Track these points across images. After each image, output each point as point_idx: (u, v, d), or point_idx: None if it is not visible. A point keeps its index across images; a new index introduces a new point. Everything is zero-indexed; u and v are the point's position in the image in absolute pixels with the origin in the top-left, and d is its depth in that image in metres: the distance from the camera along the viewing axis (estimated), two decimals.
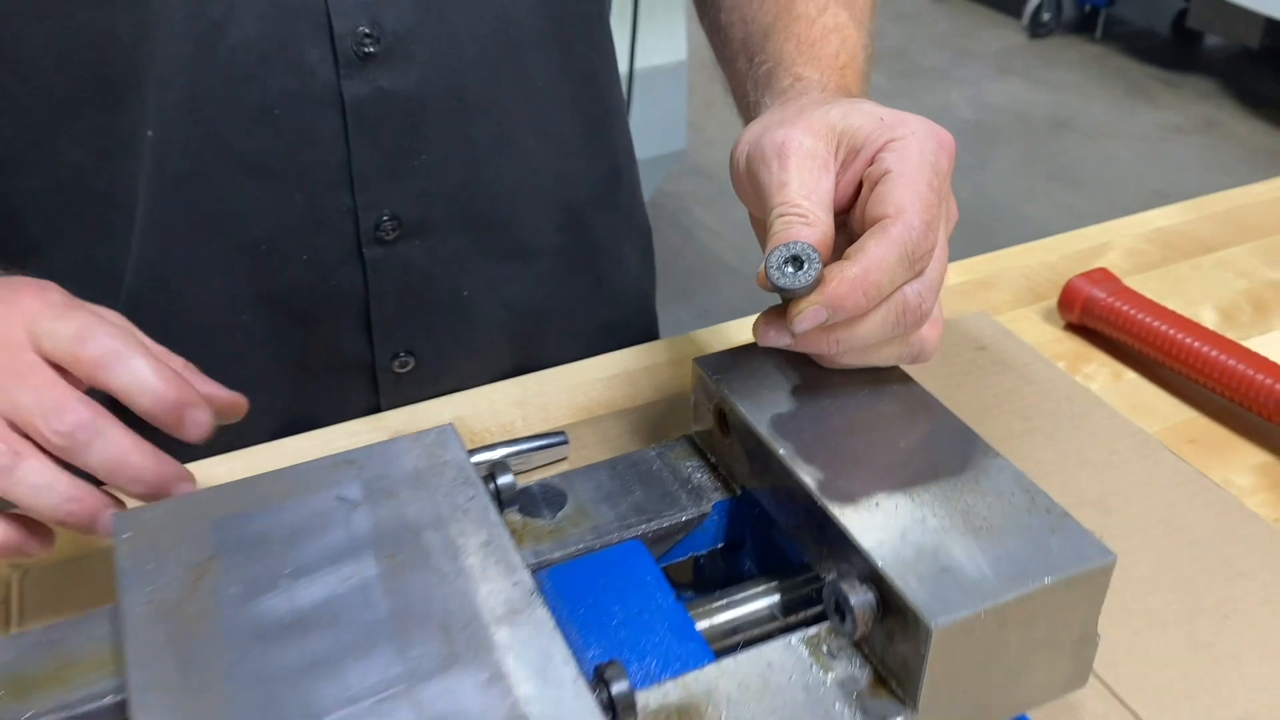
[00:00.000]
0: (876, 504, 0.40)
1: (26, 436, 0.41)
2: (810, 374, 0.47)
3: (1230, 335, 0.69)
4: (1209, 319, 0.74)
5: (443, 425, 0.43)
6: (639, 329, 0.79)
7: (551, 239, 0.67)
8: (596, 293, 0.72)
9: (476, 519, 0.39)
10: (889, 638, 0.37)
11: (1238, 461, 0.62)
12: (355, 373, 0.64)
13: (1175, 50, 4.27)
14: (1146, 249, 0.82)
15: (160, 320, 0.57)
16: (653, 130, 2.20)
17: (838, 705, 0.37)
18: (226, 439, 0.52)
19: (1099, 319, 0.71)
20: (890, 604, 0.37)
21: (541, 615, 0.35)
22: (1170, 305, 0.72)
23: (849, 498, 0.40)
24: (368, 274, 0.60)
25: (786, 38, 0.55)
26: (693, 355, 0.49)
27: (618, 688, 0.34)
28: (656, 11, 2.19)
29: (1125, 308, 0.69)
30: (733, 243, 3.03)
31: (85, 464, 0.41)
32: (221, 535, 0.38)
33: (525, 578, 0.36)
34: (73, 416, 0.41)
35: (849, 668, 0.39)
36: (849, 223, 0.45)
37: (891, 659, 0.38)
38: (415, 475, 0.41)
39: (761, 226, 0.46)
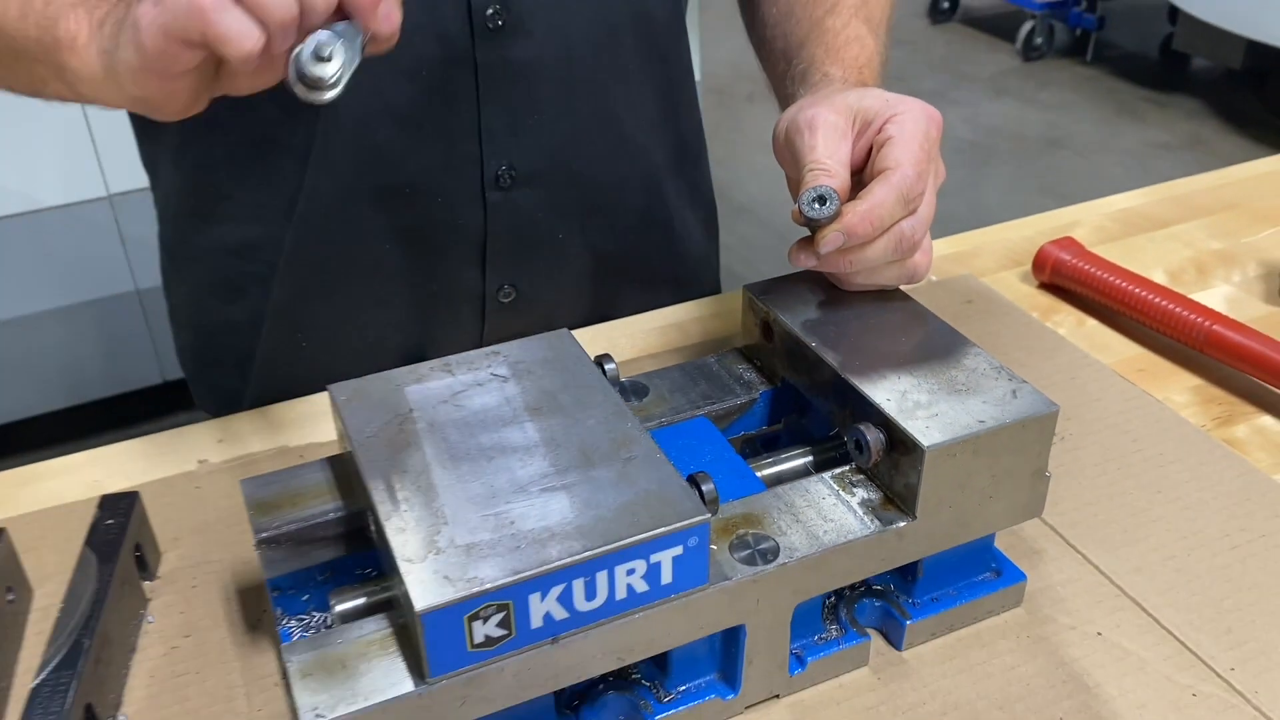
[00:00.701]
0: (884, 376, 0.54)
1: None
2: (833, 295, 0.61)
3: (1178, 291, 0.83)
4: (1157, 277, 0.88)
5: (561, 330, 0.58)
6: (703, 287, 0.93)
7: (632, 199, 0.82)
8: (666, 250, 0.87)
9: (595, 387, 0.53)
10: (895, 467, 0.52)
11: (1176, 385, 0.76)
12: (469, 301, 0.79)
13: (1163, 71, 4.43)
14: (1109, 225, 0.97)
15: (320, 247, 0.72)
16: None
17: (860, 514, 0.52)
18: (364, 364, 0.65)
19: (1065, 277, 0.85)
20: (895, 440, 0.51)
21: (650, 444, 0.49)
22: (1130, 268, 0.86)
23: (864, 373, 0.54)
24: (487, 215, 0.75)
25: (817, 45, 0.71)
26: (730, 310, 0.64)
27: (706, 486, 0.48)
28: None
29: (1087, 267, 0.84)
30: (740, 253, 3.18)
31: None
32: (414, 396, 0.52)
33: (636, 421, 0.51)
34: None
35: (866, 493, 0.53)
36: (863, 179, 0.60)
37: (896, 482, 0.52)
38: (545, 361, 0.55)
39: (796, 185, 0.61)
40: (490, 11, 0.69)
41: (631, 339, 0.81)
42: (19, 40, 0.56)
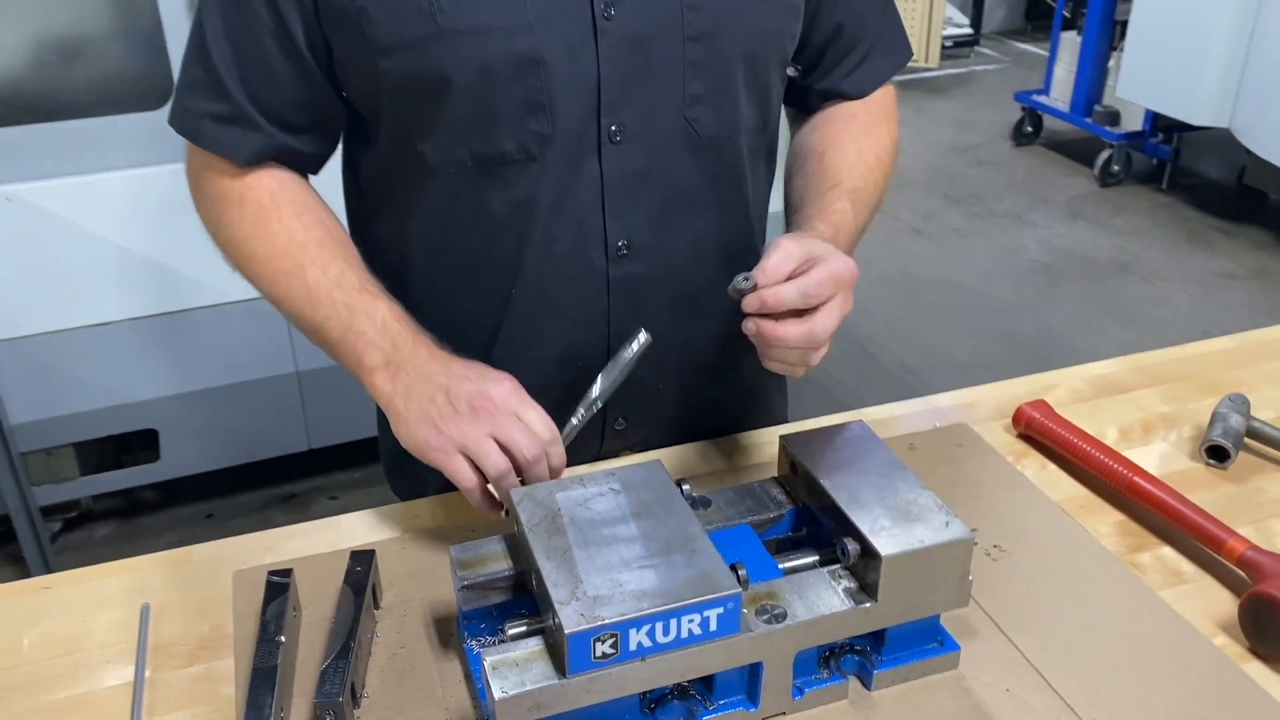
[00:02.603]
0: (863, 505, 0.82)
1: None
2: (837, 449, 0.90)
3: (1121, 447, 1.10)
4: (1110, 435, 1.15)
5: (655, 459, 0.87)
6: (771, 415, 1.24)
7: (713, 361, 1.12)
8: (740, 394, 1.17)
9: (675, 501, 0.82)
10: (866, 567, 0.80)
11: (1105, 519, 1.03)
12: (594, 428, 1.09)
13: (1238, 202, 4.60)
14: (1082, 388, 1.23)
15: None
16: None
17: (842, 596, 0.80)
18: None
19: (1035, 431, 1.13)
20: (866, 549, 0.79)
21: (708, 542, 0.78)
22: (1088, 426, 1.13)
23: (850, 503, 0.83)
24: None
25: (813, 208, 1.03)
26: (775, 442, 0.93)
27: (742, 572, 0.77)
28: None
29: (1050, 424, 1.11)
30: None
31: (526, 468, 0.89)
32: (561, 500, 0.82)
33: (700, 526, 0.80)
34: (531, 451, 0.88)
35: (848, 583, 0.81)
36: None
37: (867, 577, 0.80)
38: (644, 481, 0.85)
39: None
40: (620, 244, 1.00)
41: (705, 459, 1.10)
42: (334, 351, 0.95)
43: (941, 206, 4.62)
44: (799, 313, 0.88)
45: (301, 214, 1.02)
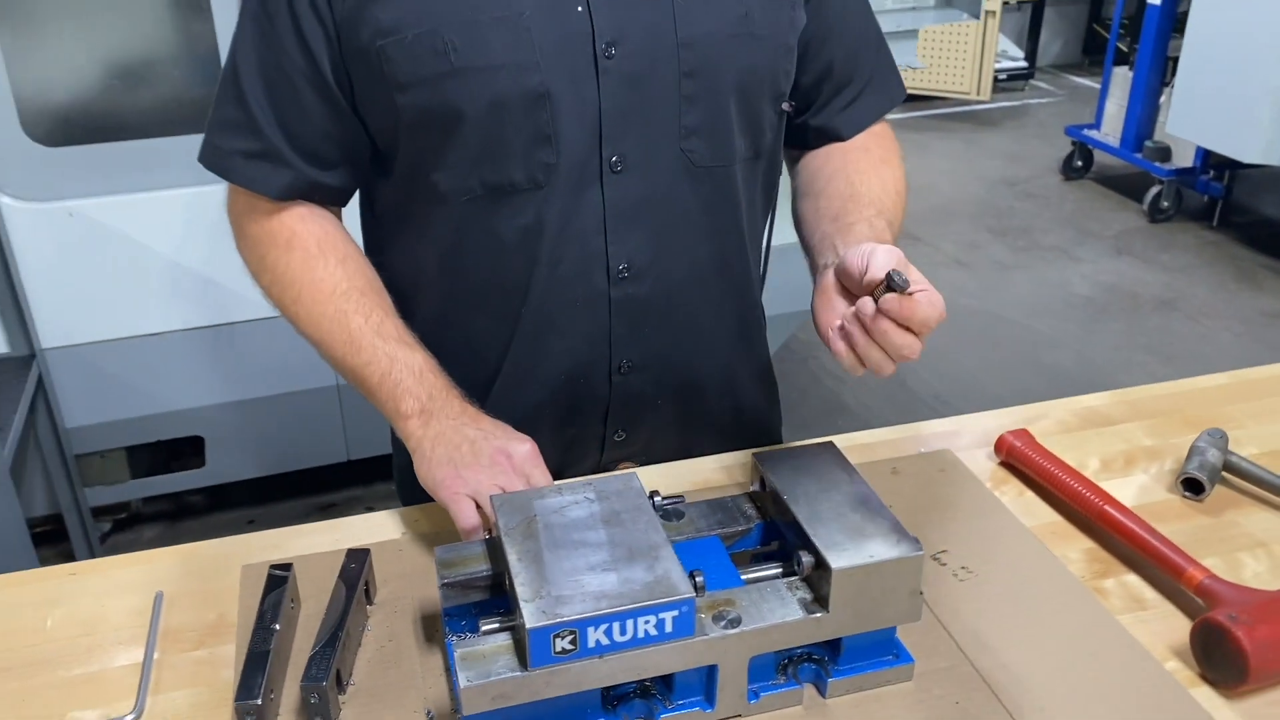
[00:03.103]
0: (822, 521, 0.87)
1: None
2: (802, 469, 0.95)
3: (1101, 477, 1.13)
4: (1092, 465, 1.18)
5: (630, 472, 0.93)
6: (765, 434, 1.28)
7: (710, 378, 1.17)
8: (733, 412, 1.22)
9: (644, 510, 0.88)
10: (819, 579, 0.84)
11: (1075, 545, 1.06)
12: (594, 440, 1.17)
13: None
14: (1069, 419, 1.26)
15: (503, 409, 1.10)
16: (784, 293, 2.72)
17: (795, 606, 0.84)
18: None
19: (1015, 459, 1.16)
20: (820, 562, 0.84)
21: (669, 550, 0.83)
22: (1071, 456, 1.16)
23: (809, 519, 0.87)
24: (611, 391, 1.13)
25: (864, 228, 1.04)
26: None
27: (699, 579, 0.82)
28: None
29: (1029, 453, 1.14)
30: (853, 388, 3.48)
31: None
32: (538, 506, 0.88)
33: (662, 534, 0.85)
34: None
35: (803, 594, 0.85)
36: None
37: (820, 589, 0.84)
38: (618, 491, 0.90)
39: (859, 292, 0.92)
40: (621, 267, 1.06)
41: (694, 474, 1.15)
42: (371, 392, 1.05)
43: (985, 239, 4.62)
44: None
45: (345, 261, 1.09)
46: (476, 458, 0.99)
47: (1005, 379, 3.51)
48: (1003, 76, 6.66)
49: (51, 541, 2.61)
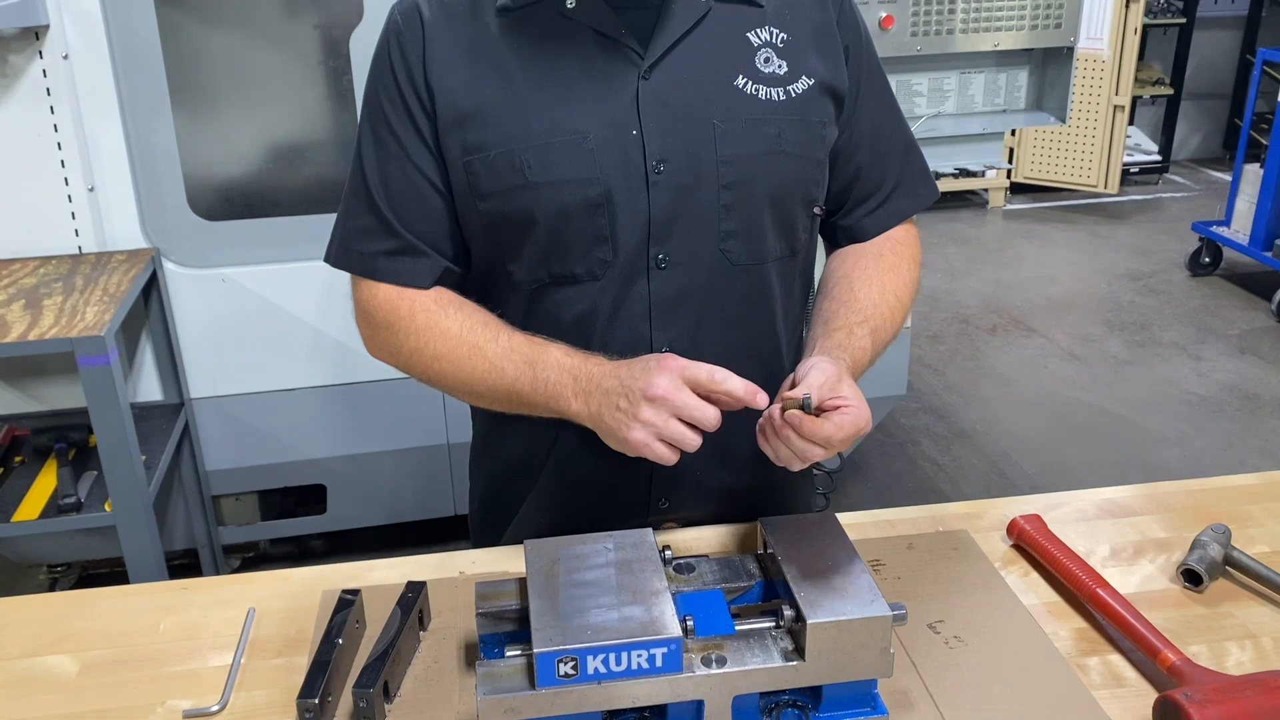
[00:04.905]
0: (808, 580, 0.98)
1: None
2: (800, 535, 1.06)
3: (1107, 564, 1.21)
4: (1100, 552, 1.25)
5: (645, 530, 1.06)
6: (796, 506, 1.39)
7: (742, 446, 1.29)
8: (767, 486, 1.33)
9: (652, 562, 1.01)
10: (799, 631, 0.95)
11: (1067, 624, 1.13)
12: (640, 506, 1.28)
13: None
14: (1088, 509, 1.34)
15: (558, 486, 1.24)
16: (872, 377, 2.81)
17: (776, 654, 0.95)
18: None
19: (1025, 542, 1.24)
20: (799, 616, 0.95)
21: (668, 597, 0.96)
22: (1081, 543, 1.24)
23: (796, 578, 0.99)
24: (654, 474, 1.25)
25: (842, 335, 1.18)
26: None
27: (690, 623, 0.94)
28: None
29: (1037, 537, 1.23)
30: (950, 474, 3.51)
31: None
32: (563, 553, 1.02)
33: (664, 583, 0.98)
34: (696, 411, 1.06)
35: (786, 644, 0.97)
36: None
37: (800, 640, 0.95)
38: (633, 544, 1.03)
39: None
40: (664, 349, 1.20)
41: (720, 538, 1.27)
42: (531, 402, 1.17)
43: (1102, 332, 4.58)
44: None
45: (461, 306, 1.24)
46: (634, 405, 1.07)
47: (1106, 474, 3.48)
48: (1134, 170, 6.59)
49: (185, 574, 2.87)
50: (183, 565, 2.86)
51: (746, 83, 1.18)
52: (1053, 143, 6.15)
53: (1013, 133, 6.12)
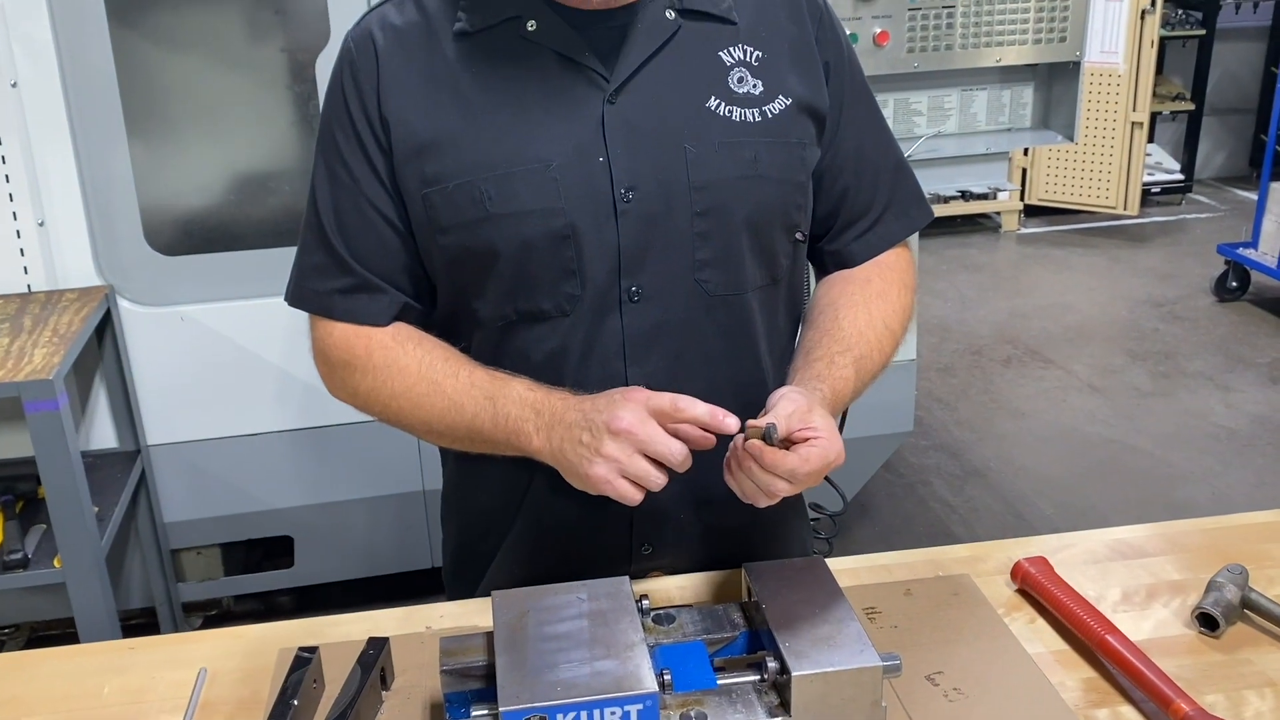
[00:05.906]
0: (793, 631, 0.98)
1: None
2: (785, 580, 1.06)
3: (1119, 609, 1.21)
4: (1112, 597, 1.25)
5: (622, 578, 1.06)
6: (788, 548, 1.39)
7: (725, 487, 1.29)
8: (754, 529, 1.33)
9: (626, 612, 1.01)
10: (784, 684, 0.96)
11: (1075, 673, 1.14)
12: (623, 554, 1.28)
13: None
14: (1099, 550, 1.34)
15: (533, 535, 1.25)
16: (878, 413, 2.82)
17: (760, 710, 0.95)
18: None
19: (1029, 586, 1.25)
20: (783, 668, 0.95)
21: (644, 650, 0.96)
22: (1092, 587, 1.25)
23: (781, 628, 0.99)
24: (635, 519, 1.25)
25: (822, 365, 1.19)
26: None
27: (666, 678, 0.94)
28: None
29: (1042, 581, 1.23)
30: (963, 516, 3.51)
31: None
32: (532, 604, 1.02)
33: (640, 635, 0.98)
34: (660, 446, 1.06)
35: (771, 698, 0.97)
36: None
37: (785, 694, 0.96)
38: (608, 594, 1.04)
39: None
40: (634, 289, 1.20)
41: (705, 586, 1.27)
42: (492, 439, 1.17)
43: (1123, 363, 4.60)
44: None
45: (420, 342, 1.26)
46: (597, 439, 1.07)
47: (1129, 514, 3.48)
48: (1155, 190, 6.64)
49: (142, 634, 2.85)
50: (139, 625, 2.85)
51: (719, 104, 1.19)
52: (1068, 162, 6.20)
53: (1025, 153, 6.17)
